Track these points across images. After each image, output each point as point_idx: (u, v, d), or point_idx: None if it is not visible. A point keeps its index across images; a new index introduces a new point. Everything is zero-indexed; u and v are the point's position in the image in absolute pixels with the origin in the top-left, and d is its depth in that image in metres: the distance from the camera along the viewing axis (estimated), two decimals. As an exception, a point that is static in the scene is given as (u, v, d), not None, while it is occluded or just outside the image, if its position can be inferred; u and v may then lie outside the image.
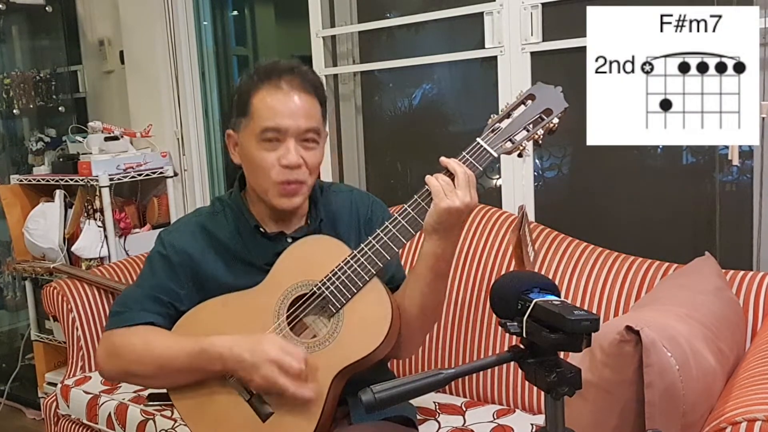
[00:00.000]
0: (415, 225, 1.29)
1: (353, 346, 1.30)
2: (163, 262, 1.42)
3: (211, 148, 3.18)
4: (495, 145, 1.26)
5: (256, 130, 1.33)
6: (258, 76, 1.35)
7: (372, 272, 1.31)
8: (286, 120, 1.32)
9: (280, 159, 1.33)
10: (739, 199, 1.91)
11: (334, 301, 1.32)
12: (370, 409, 0.85)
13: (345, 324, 1.32)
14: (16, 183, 3.04)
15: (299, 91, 1.34)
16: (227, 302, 1.39)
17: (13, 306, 3.40)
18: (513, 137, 1.27)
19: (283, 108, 1.33)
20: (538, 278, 0.92)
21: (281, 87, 1.33)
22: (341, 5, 2.62)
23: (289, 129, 1.32)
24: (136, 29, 3.07)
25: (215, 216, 1.46)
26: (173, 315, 1.41)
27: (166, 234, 1.46)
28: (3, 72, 3.21)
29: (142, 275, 1.45)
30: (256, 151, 1.34)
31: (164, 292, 1.40)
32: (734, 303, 1.52)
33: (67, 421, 2.13)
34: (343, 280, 1.32)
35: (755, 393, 1.09)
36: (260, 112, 1.33)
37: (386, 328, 1.29)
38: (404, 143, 2.60)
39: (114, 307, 1.44)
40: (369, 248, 1.31)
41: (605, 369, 1.15)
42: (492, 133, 1.27)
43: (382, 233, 1.30)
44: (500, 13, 2.11)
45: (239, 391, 1.34)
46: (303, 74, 1.36)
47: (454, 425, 1.69)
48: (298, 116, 1.33)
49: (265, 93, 1.34)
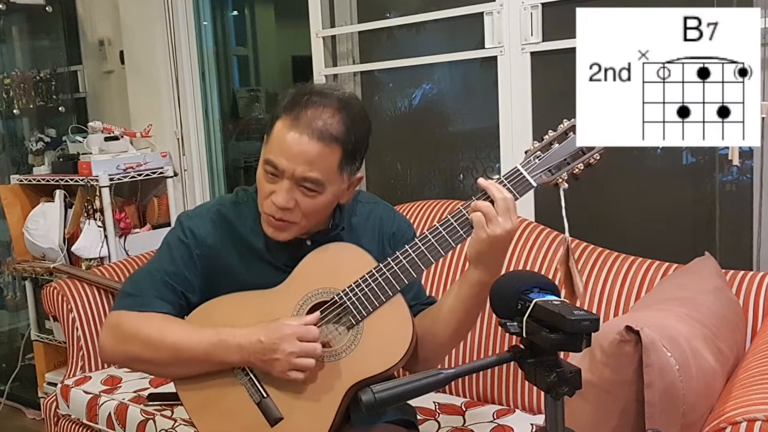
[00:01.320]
0: (446, 245, 1.26)
1: (371, 361, 1.28)
2: (181, 249, 1.38)
3: (211, 148, 3.18)
4: (534, 174, 1.24)
5: (264, 155, 1.29)
6: (291, 100, 1.27)
7: (396, 288, 1.28)
8: (283, 161, 1.25)
9: (272, 194, 1.28)
10: (739, 199, 1.91)
11: (355, 312, 1.30)
12: (370, 408, 0.85)
13: (364, 337, 1.30)
14: (16, 183, 3.03)
15: (313, 135, 1.23)
16: (244, 300, 1.36)
17: (13, 306, 3.40)
18: (553, 169, 1.24)
19: (287, 148, 1.24)
20: (538, 278, 0.92)
21: (298, 123, 1.24)
22: (341, 5, 2.62)
23: (285, 171, 1.25)
24: (136, 29, 3.07)
25: (238, 206, 1.41)
26: (184, 306, 1.38)
27: (187, 219, 1.41)
28: (3, 72, 3.21)
29: (158, 258, 1.40)
30: (261, 174, 1.30)
31: (179, 280, 1.37)
32: (734, 303, 1.52)
33: (67, 421, 2.13)
34: (366, 293, 1.29)
35: (755, 393, 1.09)
36: (272, 139, 1.27)
37: (406, 347, 1.27)
38: (404, 143, 2.60)
39: (126, 287, 1.40)
40: (396, 263, 1.28)
41: (605, 369, 1.15)
42: (532, 162, 1.24)
43: (411, 250, 1.27)
44: (500, 13, 2.11)
45: (250, 393, 1.33)
46: (332, 116, 1.25)
47: (454, 425, 1.69)
48: (298, 161, 1.24)
49: (282, 123, 1.26)
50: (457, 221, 1.25)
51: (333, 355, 1.31)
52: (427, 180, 2.54)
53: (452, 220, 1.26)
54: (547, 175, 1.24)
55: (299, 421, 1.30)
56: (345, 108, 1.27)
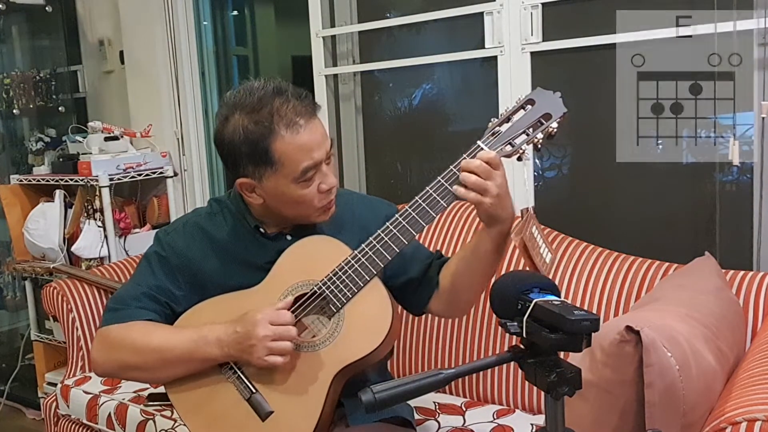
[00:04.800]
0: (417, 225, 1.29)
1: (354, 346, 1.30)
2: (161, 263, 1.42)
3: (211, 148, 3.18)
4: (495, 148, 1.26)
5: (294, 174, 1.29)
6: (264, 122, 1.27)
7: (373, 272, 1.31)
8: (317, 153, 1.29)
9: (320, 186, 1.32)
10: (739, 199, 1.91)
11: (335, 300, 1.32)
12: (370, 409, 0.84)
13: (345, 324, 1.32)
14: (16, 183, 3.04)
15: (307, 115, 1.29)
16: (226, 301, 1.38)
17: (13, 306, 3.40)
18: (513, 141, 1.26)
19: (309, 144, 1.28)
20: (538, 278, 0.92)
21: (298, 123, 1.28)
22: (341, 5, 2.62)
23: (323, 158, 1.31)
24: (136, 29, 3.07)
25: (213, 217, 1.45)
26: (170, 315, 1.41)
27: (164, 234, 1.45)
28: (3, 72, 3.22)
29: (139, 273, 1.44)
30: (295, 191, 1.31)
31: (162, 292, 1.40)
32: (734, 303, 1.52)
33: (67, 421, 2.13)
34: (343, 280, 1.32)
35: (755, 393, 1.09)
36: (293, 156, 1.27)
37: (387, 328, 1.30)
38: (404, 143, 2.60)
39: (110, 303, 1.43)
40: (369, 248, 1.31)
41: (605, 369, 1.15)
42: (492, 137, 1.27)
43: (383, 233, 1.30)
44: (500, 13, 2.11)
45: (239, 390, 1.34)
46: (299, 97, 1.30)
47: (454, 425, 1.69)
48: (323, 143, 1.31)
49: (288, 138, 1.27)
50: (425, 201, 1.28)
51: (317, 345, 1.33)
52: (427, 180, 2.51)
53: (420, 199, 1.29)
54: (509, 147, 1.26)
55: (289, 413, 1.32)
56: (297, 91, 1.32)
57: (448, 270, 1.40)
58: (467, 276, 1.35)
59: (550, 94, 1.26)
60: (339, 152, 2.69)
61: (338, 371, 1.31)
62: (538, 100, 1.26)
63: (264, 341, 1.27)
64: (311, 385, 1.31)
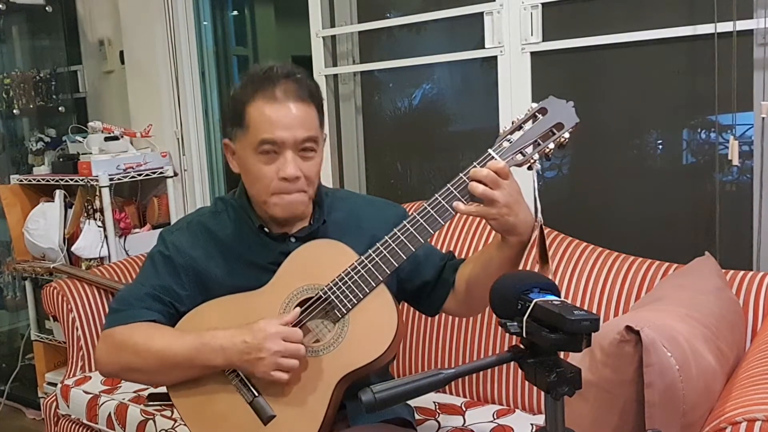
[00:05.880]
0: (424, 233, 1.27)
1: (358, 352, 1.29)
2: (165, 263, 1.41)
3: (211, 148, 3.18)
4: (506, 157, 1.24)
5: (254, 142, 1.30)
6: (252, 85, 1.31)
7: (379, 278, 1.29)
8: (282, 132, 1.29)
9: (279, 171, 1.30)
10: (739, 199, 1.91)
11: (340, 306, 1.31)
12: (370, 409, 0.84)
13: (350, 329, 1.31)
14: (16, 183, 3.04)
15: (295, 100, 1.30)
16: (230, 303, 1.38)
17: (13, 306, 3.40)
18: (524, 150, 1.25)
19: (280, 119, 1.29)
20: (538, 278, 0.92)
21: (276, 96, 1.29)
22: (341, 5, 2.62)
23: (287, 141, 1.29)
24: (136, 29, 3.07)
25: (217, 215, 1.45)
26: (174, 315, 1.40)
27: (168, 234, 1.45)
28: (3, 72, 3.21)
29: (143, 274, 1.44)
30: (253, 163, 1.32)
31: (166, 292, 1.39)
32: (734, 303, 1.52)
33: (67, 421, 2.13)
34: (349, 285, 1.30)
35: (755, 393, 1.09)
36: (256, 123, 1.30)
37: (392, 336, 1.28)
38: (404, 143, 2.60)
39: (114, 304, 1.43)
40: (376, 254, 1.29)
41: (605, 369, 1.15)
42: (503, 145, 1.25)
43: (390, 239, 1.29)
44: (500, 13, 2.11)
45: (242, 393, 1.34)
46: (298, 81, 1.32)
47: (453, 425, 1.69)
48: (294, 127, 1.29)
49: (260, 103, 1.29)
50: (433, 208, 1.26)
51: (321, 350, 1.32)
52: (427, 180, 2.54)
53: (428, 206, 1.26)
54: (520, 157, 1.25)
55: (291, 418, 1.31)
56: (301, 72, 1.34)
57: (464, 272, 1.39)
58: (484, 279, 1.32)
59: (563, 103, 1.24)
60: (339, 152, 2.69)
61: (342, 377, 1.30)
62: (550, 109, 1.25)
63: (275, 356, 1.26)
64: (314, 390, 1.31)
